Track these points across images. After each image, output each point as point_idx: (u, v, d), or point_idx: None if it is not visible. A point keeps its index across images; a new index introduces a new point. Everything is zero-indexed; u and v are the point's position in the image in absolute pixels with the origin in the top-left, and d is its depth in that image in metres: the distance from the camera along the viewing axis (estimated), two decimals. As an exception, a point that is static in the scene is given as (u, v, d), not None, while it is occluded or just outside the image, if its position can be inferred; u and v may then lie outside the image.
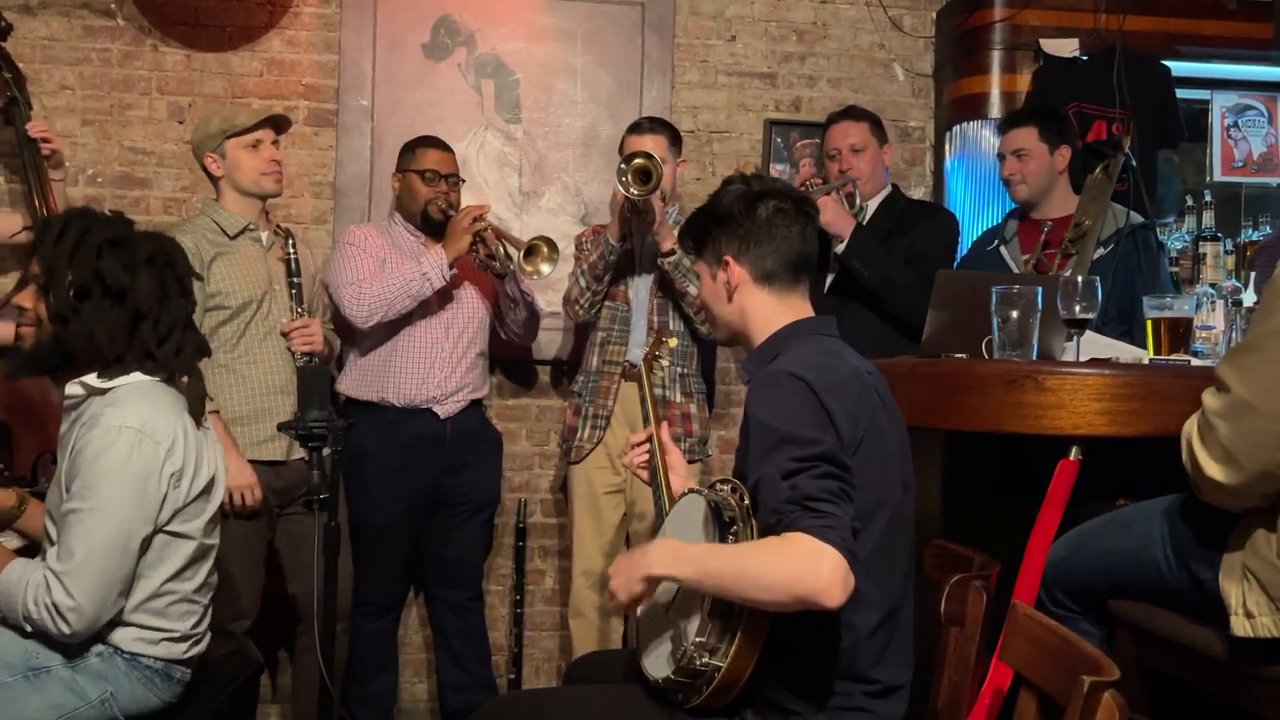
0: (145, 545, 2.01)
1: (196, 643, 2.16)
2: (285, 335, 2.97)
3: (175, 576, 2.08)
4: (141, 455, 1.97)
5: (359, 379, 3.25)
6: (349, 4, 3.65)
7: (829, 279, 3.30)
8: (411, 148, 3.31)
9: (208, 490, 2.12)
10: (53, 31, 3.56)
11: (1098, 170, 3.14)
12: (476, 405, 3.36)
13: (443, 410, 3.23)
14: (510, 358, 3.70)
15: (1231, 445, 1.72)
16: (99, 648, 2.04)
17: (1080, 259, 2.98)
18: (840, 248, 3.20)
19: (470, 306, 3.31)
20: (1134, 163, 3.21)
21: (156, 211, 3.60)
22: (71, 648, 2.02)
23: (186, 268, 2.16)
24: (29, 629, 1.99)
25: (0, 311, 2.89)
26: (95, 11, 3.59)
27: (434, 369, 3.22)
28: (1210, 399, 1.77)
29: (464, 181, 3.40)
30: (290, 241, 3.02)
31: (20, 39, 3.45)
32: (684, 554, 1.72)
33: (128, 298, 2.02)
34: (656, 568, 1.75)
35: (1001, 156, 3.26)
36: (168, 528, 2.04)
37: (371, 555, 3.25)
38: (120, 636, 2.04)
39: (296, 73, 3.68)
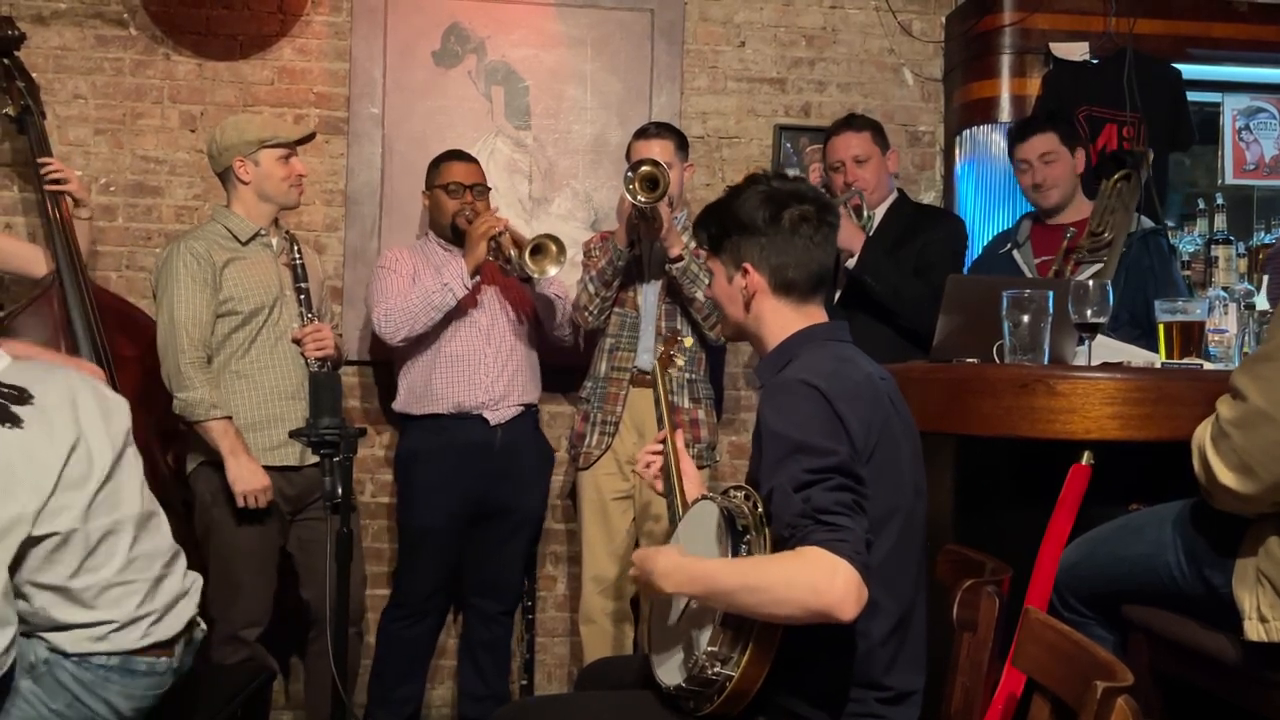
0: (18, 559, 1.79)
1: (155, 622, 1.95)
2: (297, 342, 2.98)
3: (77, 573, 1.85)
4: None
5: (409, 396, 3.28)
6: (359, 12, 3.66)
7: (838, 293, 3.28)
8: (436, 164, 3.35)
9: (67, 473, 1.84)
10: (65, 41, 3.59)
11: (1115, 179, 3.12)
12: (529, 413, 3.37)
13: (493, 416, 3.24)
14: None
15: (1248, 455, 1.71)
16: (44, 655, 1.88)
17: (1105, 269, 2.97)
18: (852, 263, 3.18)
19: (510, 312, 3.32)
20: (1151, 172, 3.19)
21: (169, 220, 3.62)
22: (22, 658, 1.86)
23: None
24: None
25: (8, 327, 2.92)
26: (108, 21, 3.61)
27: (478, 375, 3.23)
28: (1226, 408, 1.76)
29: (491, 189, 3.41)
30: (295, 247, 3.03)
31: (33, 49, 3.47)
32: (694, 572, 1.72)
33: None
34: (666, 585, 1.75)
35: (1025, 163, 3.21)
36: (36, 533, 1.80)
37: (412, 558, 3.28)
38: (59, 640, 1.87)
39: (307, 81, 3.70)
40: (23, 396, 1.86)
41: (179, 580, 2.03)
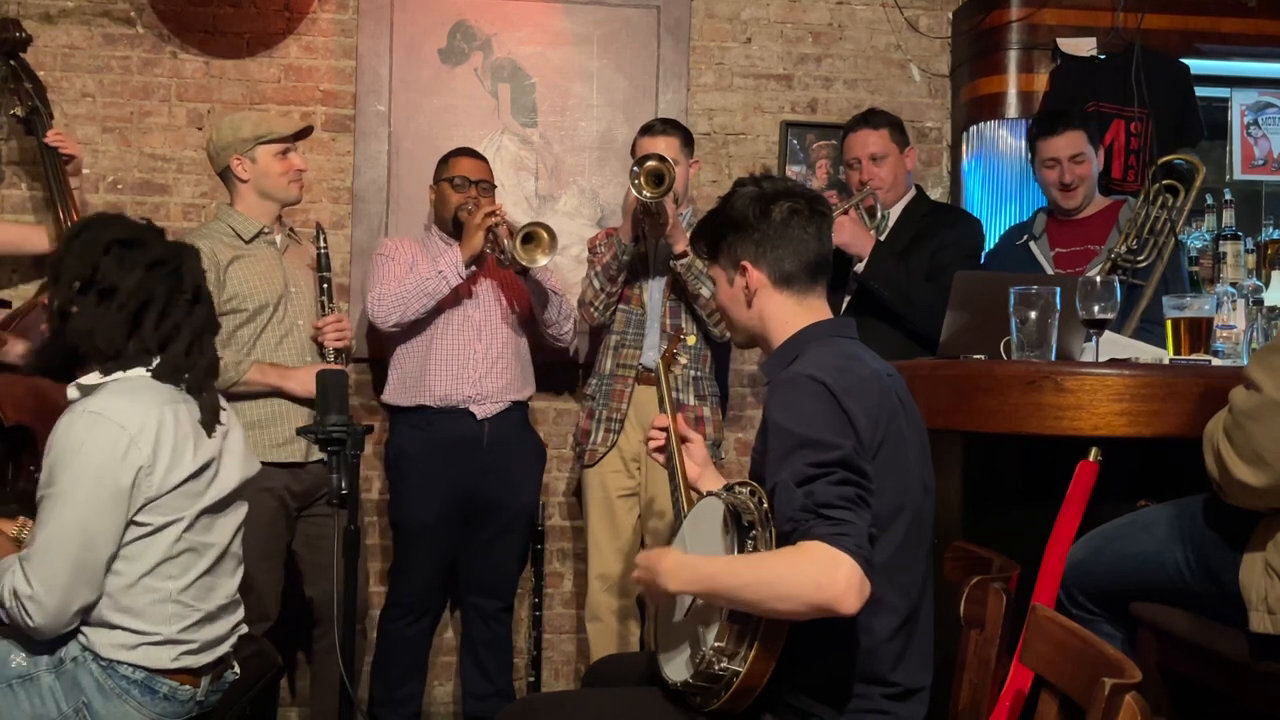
0: (119, 536, 1.91)
1: (190, 652, 2.00)
2: (317, 331, 3.00)
3: (152, 572, 1.95)
4: (98, 438, 1.87)
5: (399, 387, 3.28)
6: (366, 10, 3.66)
7: (846, 299, 3.24)
8: (445, 159, 3.37)
9: (194, 484, 1.99)
10: (73, 40, 3.59)
11: (1158, 186, 3.12)
12: (519, 409, 3.36)
13: (481, 411, 3.24)
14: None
15: (1261, 447, 1.71)
16: (74, 653, 1.95)
17: (1146, 289, 3.01)
18: (860, 267, 3.15)
19: (503, 308, 3.32)
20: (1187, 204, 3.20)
21: (176, 218, 3.63)
22: (52, 651, 1.94)
23: (197, 274, 2.08)
24: (6, 619, 1.92)
25: (17, 327, 2.93)
26: (115, 20, 3.62)
27: (468, 369, 3.23)
28: (1241, 399, 1.76)
29: (496, 188, 3.41)
30: (321, 237, 3.06)
31: (41, 47, 3.49)
32: (698, 571, 1.72)
33: (118, 295, 1.95)
34: (670, 585, 1.76)
35: (1053, 160, 3.20)
36: (137, 518, 1.92)
37: (407, 556, 3.29)
38: (96, 639, 1.94)
39: (314, 79, 3.70)
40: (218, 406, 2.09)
41: (226, 627, 2.12)
